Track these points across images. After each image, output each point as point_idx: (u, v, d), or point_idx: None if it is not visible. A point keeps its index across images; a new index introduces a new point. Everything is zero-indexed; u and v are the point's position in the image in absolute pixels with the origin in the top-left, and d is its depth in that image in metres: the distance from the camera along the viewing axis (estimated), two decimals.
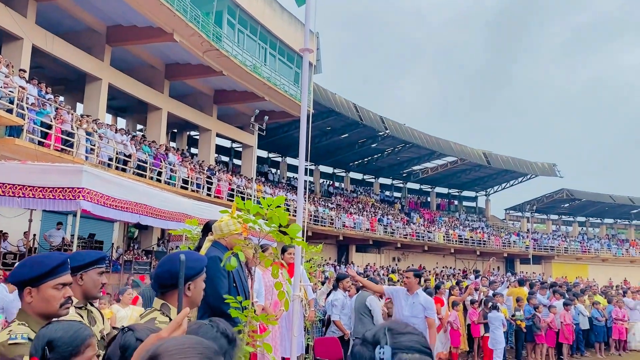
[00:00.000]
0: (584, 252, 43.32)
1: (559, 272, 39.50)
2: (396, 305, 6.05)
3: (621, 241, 47.34)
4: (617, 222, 51.07)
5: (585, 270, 41.02)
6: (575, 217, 50.59)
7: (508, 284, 14.84)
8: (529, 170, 43.06)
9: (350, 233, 31.59)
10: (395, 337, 1.08)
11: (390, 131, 33.86)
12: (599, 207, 46.28)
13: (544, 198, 44.55)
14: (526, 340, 10.97)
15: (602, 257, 43.06)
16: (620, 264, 42.50)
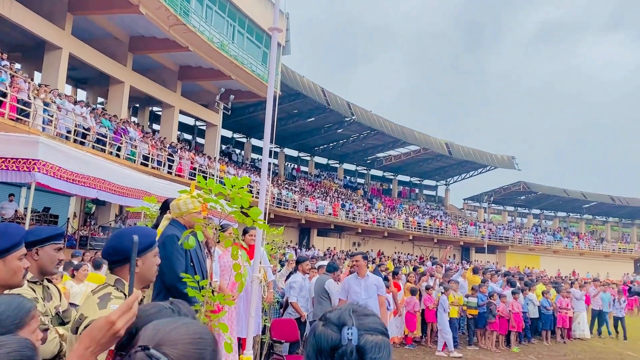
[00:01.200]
0: (537, 243, 44.83)
1: (513, 262, 40.84)
2: (351, 292, 6.16)
3: (572, 234, 49.20)
4: (570, 215, 53.00)
5: (537, 261, 42.52)
6: (531, 209, 52.21)
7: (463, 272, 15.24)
8: (488, 162, 44.07)
9: (313, 217, 31.72)
10: (360, 319, 1.10)
11: (356, 117, 33.98)
12: (553, 200, 47.89)
13: (502, 190, 45.79)
14: (477, 327, 11.33)
15: (554, 249, 44.68)
16: (570, 256, 44.21)
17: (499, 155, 44.50)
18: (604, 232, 52.04)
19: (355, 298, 6.11)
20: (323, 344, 1.10)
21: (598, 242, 47.99)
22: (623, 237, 51.10)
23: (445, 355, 9.97)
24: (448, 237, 39.95)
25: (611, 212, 50.69)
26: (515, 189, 45.13)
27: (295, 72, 29.55)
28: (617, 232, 52.42)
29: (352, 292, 6.15)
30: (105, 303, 1.97)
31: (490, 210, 50.48)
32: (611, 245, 47.49)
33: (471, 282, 12.41)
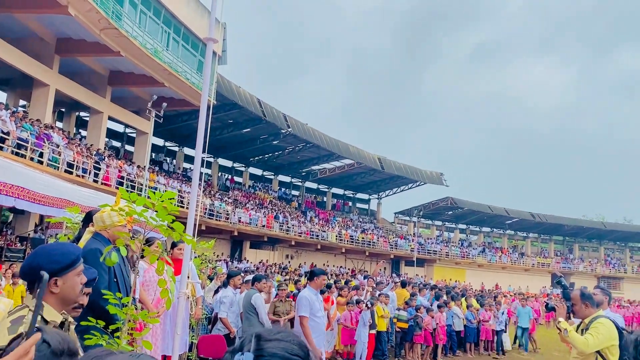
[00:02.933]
0: (462, 257, 46.55)
1: (440, 275, 42.15)
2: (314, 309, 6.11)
3: (496, 249, 51.51)
4: (494, 231, 55.48)
5: (463, 275, 44.11)
6: (457, 224, 54.22)
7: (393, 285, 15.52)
8: (418, 178, 45.43)
9: (246, 229, 31.35)
10: (260, 344, 1.05)
11: (292, 130, 34.06)
12: (479, 216, 50.00)
13: (431, 204, 47.28)
14: (405, 340, 11.55)
15: (478, 263, 46.55)
16: (493, 270, 46.22)
17: (428, 171, 45.99)
18: (524, 247, 54.85)
19: (318, 315, 6.13)
20: None
21: (519, 256, 50.51)
22: (541, 252, 54.08)
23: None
24: (379, 251, 40.69)
25: (531, 228, 53.55)
26: (444, 204, 46.76)
27: (232, 82, 29.27)
28: (536, 248, 55.41)
29: (315, 308, 6.12)
30: (16, 328, 1.83)
31: (420, 224, 51.97)
32: (531, 260, 50.11)
33: (400, 295, 12.66)
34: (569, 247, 55.96)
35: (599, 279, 49.40)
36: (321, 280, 6.25)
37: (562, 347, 13.19)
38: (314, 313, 6.04)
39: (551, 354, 14.18)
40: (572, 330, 4.18)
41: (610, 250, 56.17)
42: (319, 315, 6.15)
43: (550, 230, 53.27)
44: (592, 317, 4.24)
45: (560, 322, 4.27)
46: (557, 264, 50.09)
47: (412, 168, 44.64)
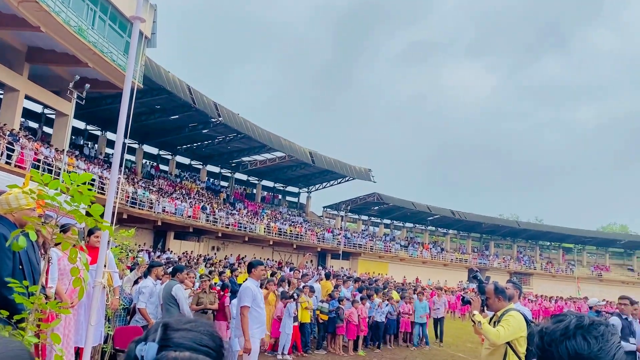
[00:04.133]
0: (386, 251, 47.86)
1: (364, 268, 43.09)
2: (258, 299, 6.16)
3: (417, 244, 53.37)
4: (416, 226, 57.46)
5: (386, 268, 45.35)
6: (383, 219, 55.66)
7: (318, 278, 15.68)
8: (347, 173, 46.17)
9: (170, 219, 30.52)
10: (167, 333, 0.99)
11: (223, 119, 33.47)
12: (403, 212, 51.56)
13: (358, 199, 48.24)
14: (327, 332, 11.71)
15: (401, 257, 48.04)
16: (414, 264, 47.85)
17: (357, 167, 46.83)
18: (444, 243, 57.21)
19: (261, 305, 6.17)
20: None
21: (439, 252, 52.62)
22: (460, 248, 56.66)
23: (280, 357, 10.18)
24: (307, 243, 40.99)
25: (451, 225, 55.94)
26: (370, 200, 47.82)
27: (161, 66, 28.31)
28: (455, 244, 57.96)
29: (258, 299, 6.14)
30: None
31: (347, 218, 52.88)
32: (450, 255, 52.37)
33: (323, 287, 12.81)
34: (485, 244, 58.97)
35: (512, 275, 52.44)
36: (260, 270, 6.27)
37: (475, 338, 13.89)
38: (257, 304, 6.09)
39: (465, 345, 14.89)
40: (485, 322, 4.41)
41: (523, 247, 59.77)
42: (261, 306, 6.21)
43: (469, 227, 55.89)
44: (503, 310, 4.48)
45: (474, 315, 4.48)
46: (474, 260, 52.66)
47: (342, 163, 45.25)
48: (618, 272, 55.42)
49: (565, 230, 54.49)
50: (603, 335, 1.28)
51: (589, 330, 1.29)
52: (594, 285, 50.26)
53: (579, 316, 1.35)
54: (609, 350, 1.26)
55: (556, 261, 57.35)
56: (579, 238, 56.35)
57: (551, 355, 1.31)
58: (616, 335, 1.31)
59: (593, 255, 59.44)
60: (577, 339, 1.28)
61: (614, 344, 1.28)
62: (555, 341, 1.30)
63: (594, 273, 54.45)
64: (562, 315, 1.38)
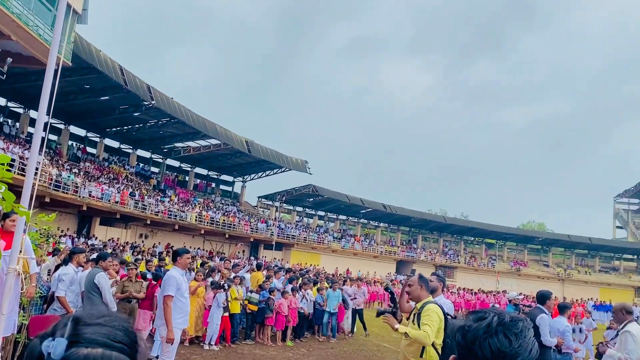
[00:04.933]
0: (319, 242, 48.32)
1: (297, 259, 43.32)
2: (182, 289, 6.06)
3: (350, 236, 54.24)
4: (349, 219, 58.37)
5: (318, 259, 45.81)
6: (317, 211, 56.11)
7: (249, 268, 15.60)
8: (284, 163, 46.09)
9: (96, 204, 29.26)
10: (78, 328, 0.91)
11: (156, 102, 32.40)
12: (337, 204, 52.17)
13: (293, 191, 48.33)
14: (256, 322, 11.69)
15: (333, 249, 48.66)
16: (346, 256, 48.62)
17: (293, 158, 46.84)
18: (375, 236, 58.50)
19: (186, 295, 6.04)
20: (27, 359, 0.92)
21: (370, 244, 53.77)
22: (390, 241, 58.14)
23: (207, 348, 10.11)
24: (240, 233, 40.63)
25: (382, 218, 57.28)
26: (306, 191, 48.03)
27: (92, 44, 26.96)
28: (385, 236, 59.40)
29: (183, 289, 6.01)
30: None
31: (282, 209, 52.88)
32: (380, 248, 53.62)
33: (254, 278, 12.77)
34: (414, 237, 60.84)
35: (437, 268, 54.43)
36: (185, 259, 6.14)
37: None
38: (182, 293, 5.97)
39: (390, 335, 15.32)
40: (410, 330, 4.52)
41: (448, 242, 62.17)
42: (185, 296, 6.10)
43: (399, 221, 57.43)
44: (423, 302, 4.63)
45: (397, 329, 4.60)
46: (402, 252, 54.24)
47: (279, 154, 45.10)
48: (535, 268, 58.90)
49: (488, 227, 57.17)
50: (522, 332, 1.32)
51: (510, 327, 1.31)
52: (512, 280, 53.17)
53: (499, 313, 1.37)
54: (527, 347, 1.30)
55: (479, 255, 60.11)
56: (501, 234, 59.32)
57: (475, 353, 1.32)
58: (531, 331, 1.35)
59: (513, 251, 62.78)
60: (499, 336, 1.30)
61: (530, 339, 1.33)
62: (479, 339, 1.32)
63: (513, 268, 57.54)
64: (483, 312, 1.39)
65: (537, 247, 62.88)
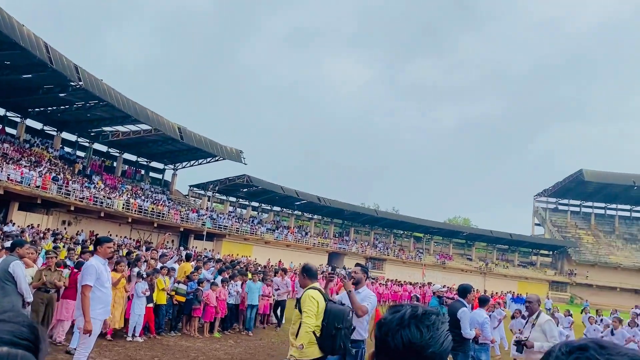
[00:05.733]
0: (252, 233, 48.04)
1: (228, 250, 42.85)
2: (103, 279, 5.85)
3: (284, 227, 54.29)
4: (283, 210, 58.39)
5: (251, 250, 45.53)
6: (251, 201, 55.71)
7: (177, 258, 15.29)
8: (218, 152, 45.35)
9: (15, 188, 27.56)
10: None
11: (84, 83, 30.88)
12: (271, 195, 52.02)
13: (227, 180, 47.65)
14: (184, 313, 11.48)
15: (266, 240, 48.54)
16: (279, 247, 48.63)
17: (228, 147, 46.18)
18: (308, 228, 58.89)
19: (106, 285, 5.85)
20: None
21: (303, 236, 54.07)
22: (323, 233, 58.74)
23: (131, 339, 9.86)
24: (169, 223, 39.65)
25: (317, 210, 57.73)
26: (240, 181, 47.48)
27: (14, 17, 25.27)
28: (319, 228, 59.95)
29: (104, 278, 5.81)
30: None
31: (214, 199, 52.06)
32: (313, 240, 54.06)
33: (183, 269, 12.53)
34: (346, 229, 61.78)
35: (367, 260, 55.65)
36: (106, 248, 5.92)
37: None
38: (102, 283, 5.78)
39: None
40: (299, 337, 4.79)
41: (379, 235, 63.65)
42: (106, 286, 5.90)
43: (333, 213, 58.12)
44: (307, 288, 5.01)
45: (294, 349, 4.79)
46: (334, 244, 54.98)
47: (213, 142, 44.31)
48: (459, 261, 61.50)
49: (417, 221, 58.99)
50: (434, 324, 1.35)
51: (422, 320, 1.35)
52: (438, 272, 55.24)
53: (413, 306, 1.41)
54: (439, 339, 1.34)
55: (407, 248, 61.98)
56: (428, 228, 61.42)
57: (387, 345, 1.35)
58: (445, 324, 1.40)
59: (439, 245, 65.19)
60: (411, 328, 1.33)
61: (443, 332, 1.37)
62: (392, 331, 1.34)
63: (439, 261, 59.81)
64: (399, 306, 1.43)
65: (462, 241, 65.64)
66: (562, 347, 0.85)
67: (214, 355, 9.77)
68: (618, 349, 0.80)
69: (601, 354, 0.78)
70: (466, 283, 8.46)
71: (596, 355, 0.78)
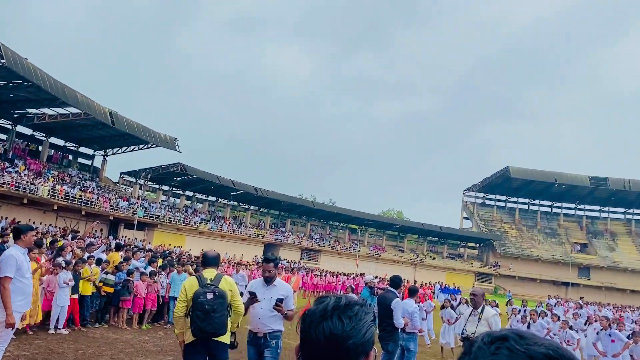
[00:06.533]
0: (185, 223, 47.06)
1: (160, 240, 41.76)
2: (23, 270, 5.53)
3: (219, 218, 53.55)
4: (219, 200, 57.56)
5: (184, 241, 44.63)
6: (185, 190, 54.49)
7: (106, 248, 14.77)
8: (151, 139, 43.96)
9: None
10: None
11: (7, 62, 28.96)
12: (207, 185, 51.11)
13: (160, 168, 46.25)
14: (112, 305, 11.13)
15: (200, 230, 47.71)
16: (213, 238, 47.95)
17: (162, 134, 44.90)
18: (244, 218, 58.42)
19: (27, 276, 5.59)
20: None
21: (239, 226, 53.59)
22: (259, 224, 58.48)
23: (53, 332, 9.49)
24: (98, 211, 38.13)
25: (253, 201, 57.31)
26: (174, 170, 46.25)
27: None
28: (255, 219, 59.62)
29: (24, 269, 5.51)
30: None
31: (146, 187, 50.52)
32: (248, 230, 53.71)
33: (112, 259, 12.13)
34: (283, 221, 61.82)
35: (303, 251, 56.04)
36: (29, 237, 5.62)
37: None
38: (23, 274, 5.50)
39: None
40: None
41: (315, 226, 64.14)
42: (27, 277, 5.64)
43: (269, 204, 57.93)
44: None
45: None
46: (270, 236, 54.89)
47: (146, 129, 42.91)
48: (391, 253, 63.15)
49: (353, 213, 59.92)
50: (357, 315, 1.35)
51: (345, 311, 1.35)
52: (371, 263, 56.47)
53: (337, 297, 1.41)
54: (361, 329, 1.34)
55: (342, 240, 62.90)
56: (363, 220, 62.57)
57: (311, 336, 1.35)
58: (369, 315, 1.40)
59: (373, 237, 66.58)
60: (333, 319, 1.33)
61: (366, 322, 1.37)
62: (314, 323, 1.35)
63: (373, 252, 61.13)
64: (324, 297, 1.43)
65: (395, 233, 67.38)
66: (484, 338, 0.87)
67: (143, 347, 9.53)
68: (536, 339, 0.84)
69: (520, 344, 0.82)
70: (397, 274, 8.72)
71: (515, 346, 0.81)
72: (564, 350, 0.83)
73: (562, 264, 63.81)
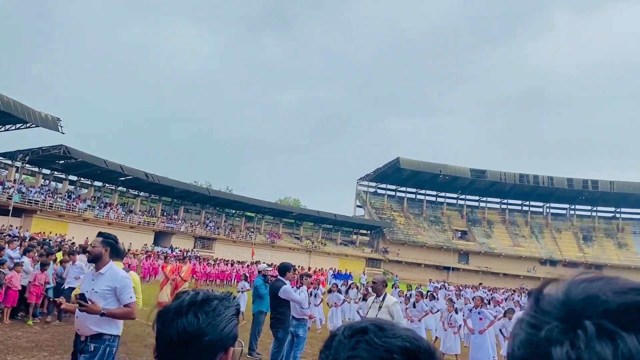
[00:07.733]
0: (68, 210, 43.99)
1: (39, 227, 38.75)
2: None
3: (105, 204, 50.66)
4: (106, 186, 54.40)
5: (66, 228, 41.74)
6: (68, 175, 50.77)
7: None
8: (29, 119, 40.44)
9: None
10: None
11: None
12: (93, 169, 47.95)
13: (40, 150, 42.63)
14: None
15: (84, 217, 44.84)
16: (99, 225, 45.16)
17: (43, 114, 41.47)
18: (134, 205, 55.80)
19: None
20: None
21: (127, 213, 51.10)
22: (150, 211, 56.15)
23: None
24: None
25: (144, 187, 54.80)
26: (56, 152, 42.83)
27: None
28: (145, 206, 57.14)
29: None
30: None
31: (24, 170, 46.45)
32: (138, 218, 51.40)
33: None
34: (175, 208, 59.93)
35: (197, 239, 54.83)
36: None
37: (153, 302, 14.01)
38: None
39: None
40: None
41: (210, 214, 62.95)
42: None
43: (161, 191, 55.77)
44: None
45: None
46: (162, 223, 53.01)
47: (24, 107, 39.37)
48: (288, 240, 63.76)
49: (250, 201, 59.56)
50: (215, 310, 1.29)
51: (202, 306, 1.28)
52: (267, 251, 56.55)
53: (195, 293, 1.33)
54: (219, 324, 1.28)
55: (238, 228, 62.38)
56: (260, 208, 62.44)
57: (163, 336, 1.28)
58: (231, 309, 1.34)
59: (270, 224, 66.77)
60: (188, 316, 1.26)
61: (225, 317, 1.31)
62: (168, 321, 1.27)
63: (269, 240, 61.30)
64: (182, 293, 1.35)
65: (291, 221, 68.11)
66: (345, 330, 0.85)
67: (15, 343, 8.81)
68: (394, 330, 0.83)
69: (379, 336, 0.81)
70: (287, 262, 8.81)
71: (374, 339, 0.81)
72: (422, 341, 0.84)
73: (444, 249, 68.45)
